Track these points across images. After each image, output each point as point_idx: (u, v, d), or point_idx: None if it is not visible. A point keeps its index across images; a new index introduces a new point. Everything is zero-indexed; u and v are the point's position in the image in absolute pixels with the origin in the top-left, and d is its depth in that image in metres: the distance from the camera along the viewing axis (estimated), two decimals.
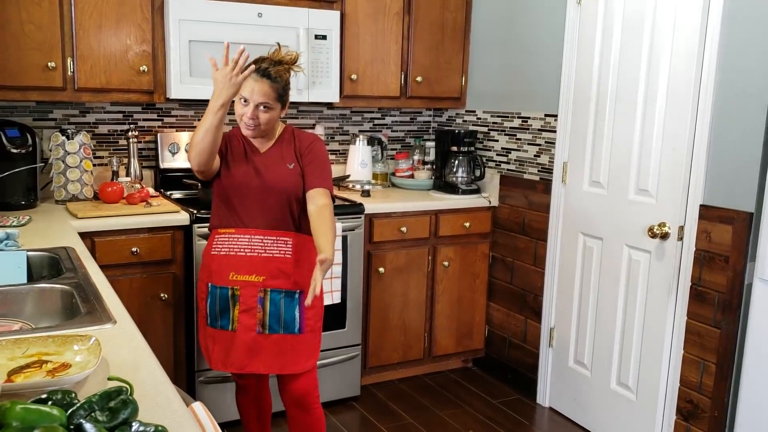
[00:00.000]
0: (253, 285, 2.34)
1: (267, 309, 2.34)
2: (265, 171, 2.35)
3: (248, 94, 2.26)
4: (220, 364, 2.39)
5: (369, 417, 3.30)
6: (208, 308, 2.38)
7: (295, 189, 2.35)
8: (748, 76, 2.46)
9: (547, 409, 3.46)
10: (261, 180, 2.34)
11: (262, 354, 2.35)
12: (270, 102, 2.27)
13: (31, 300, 1.81)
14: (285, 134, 2.43)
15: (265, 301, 2.34)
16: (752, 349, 2.49)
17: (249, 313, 2.34)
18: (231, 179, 2.35)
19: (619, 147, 2.98)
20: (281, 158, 2.38)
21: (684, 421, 2.77)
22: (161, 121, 3.48)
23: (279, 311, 2.35)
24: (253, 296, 2.33)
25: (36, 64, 2.86)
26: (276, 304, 2.34)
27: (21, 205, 2.97)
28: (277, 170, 2.35)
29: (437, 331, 3.69)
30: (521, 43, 3.52)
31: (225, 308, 2.36)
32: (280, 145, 2.41)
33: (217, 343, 2.38)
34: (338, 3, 3.47)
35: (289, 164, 2.38)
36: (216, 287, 2.36)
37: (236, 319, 2.34)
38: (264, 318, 2.34)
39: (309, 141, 2.43)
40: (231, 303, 2.35)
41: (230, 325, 2.36)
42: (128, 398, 1.08)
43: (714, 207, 2.60)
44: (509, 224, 3.64)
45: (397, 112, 4.14)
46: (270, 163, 2.37)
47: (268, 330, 2.35)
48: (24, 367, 1.29)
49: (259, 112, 2.28)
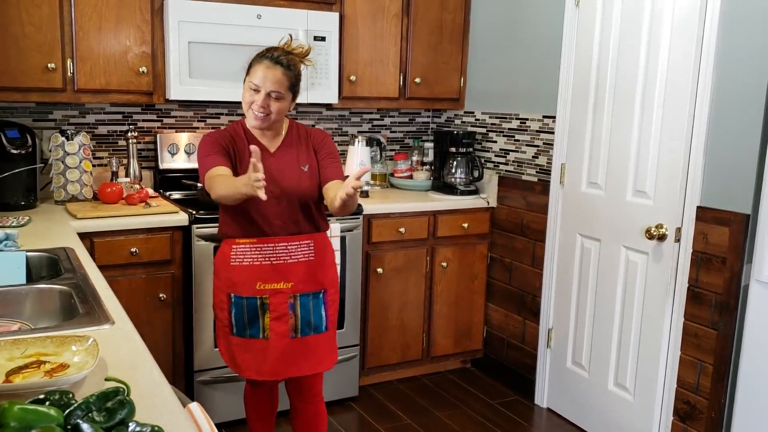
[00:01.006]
0: (282, 292, 2.30)
1: (298, 314, 2.32)
2: (280, 177, 2.29)
3: (260, 81, 2.19)
4: (253, 372, 2.34)
5: (367, 417, 3.31)
6: (233, 318, 2.33)
7: (312, 192, 2.32)
8: (744, 78, 2.47)
9: (545, 409, 3.47)
10: (278, 186, 2.27)
11: (296, 358, 2.34)
12: (282, 91, 2.21)
13: (30, 300, 1.81)
14: (292, 131, 2.38)
15: (296, 306, 2.32)
16: (749, 350, 2.50)
17: (281, 320, 2.31)
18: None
19: (617, 148, 2.99)
20: (295, 160, 2.33)
21: (681, 422, 2.77)
22: (161, 122, 3.49)
23: (309, 314, 2.34)
24: (283, 303, 2.30)
25: (36, 65, 2.87)
26: (306, 308, 2.33)
27: (21, 205, 2.98)
28: (292, 175, 2.30)
29: (435, 332, 3.70)
30: (520, 44, 3.53)
31: (254, 317, 2.31)
32: (289, 145, 2.36)
33: (248, 351, 2.33)
34: (337, 4, 3.48)
35: (303, 166, 2.33)
36: (241, 298, 2.31)
37: (268, 327, 2.31)
38: (296, 323, 2.32)
39: (322, 136, 2.41)
40: (260, 312, 2.31)
41: (261, 333, 2.31)
42: (125, 399, 1.09)
43: (711, 209, 2.61)
44: (507, 225, 3.65)
45: (395, 113, 4.15)
46: (284, 166, 2.31)
47: (300, 333, 2.34)
48: (22, 367, 1.30)
49: (271, 100, 2.21)
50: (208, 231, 2.95)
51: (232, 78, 3.19)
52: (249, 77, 2.24)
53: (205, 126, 3.58)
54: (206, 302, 2.98)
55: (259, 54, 2.26)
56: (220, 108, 3.62)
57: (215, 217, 2.96)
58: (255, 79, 2.20)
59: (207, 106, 3.58)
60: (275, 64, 2.20)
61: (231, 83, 3.20)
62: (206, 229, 2.95)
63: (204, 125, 3.58)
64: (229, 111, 3.64)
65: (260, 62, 2.23)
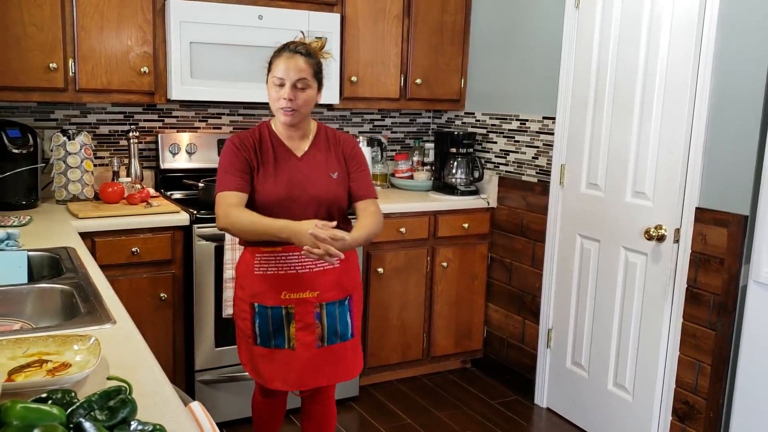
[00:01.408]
0: (308, 302, 2.25)
1: (325, 323, 2.27)
2: (308, 183, 2.23)
3: (283, 72, 2.14)
4: (279, 383, 2.27)
5: (367, 417, 3.31)
6: (257, 328, 2.26)
7: (340, 199, 2.27)
8: (743, 79, 2.48)
9: (544, 409, 3.48)
10: (306, 193, 2.21)
11: (323, 367, 2.28)
12: (307, 78, 2.16)
13: (31, 300, 1.82)
14: (320, 134, 2.32)
15: (322, 315, 2.26)
16: (747, 350, 2.50)
17: (307, 329, 2.25)
18: (272, 193, 2.21)
19: (617, 149, 3.00)
20: (324, 166, 2.27)
21: (680, 421, 2.78)
22: (162, 122, 3.49)
23: (336, 322, 2.29)
24: (309, 312, 2.25)
25: (37, 65, 2.88)
26: (332, 316, 2.28)
27: (22, 205, 2.98)
28: (321, 182, 2.24)
29: (436, 332, 3.70)
30: (520, 46, 3.54)
31: (279, 327, 2.25)
32: (318, 149, 2.29)
33: (273, 362, 2.27)
34: (338, 5, 3.49)
35: (332, 173, 2.27)
36: (266, 307, 2.25)
37: (294, 337, 2.25)
38: (323, 332, 2.27)
39: (352, 144, 2.35)
40: (285, 321, 2.25)
41: (286, 343, 2.25)
42: (127, 398, 1.09)
43: (709, 210, 2.62)
44: (507, 225, 3.66)
45: (396, 114, 4.16)
46: (311, 171, 2.25)
47: (327, 342, 2.28)
48: (24, 366, 1.30)
49: (297, 92, 2.15)
50: (209, 231, 2.96)
51: (233, 78, 3.20)
52: (271, 74, 2.20)
53: (206, 126, 3.59)
54: (207, 302, 2.99)
55: (277, 50, 2.22)
56: (222, 108, 3.62)
57: None
58: (278, 72, 2.15)
59: (208, 106, 3.59)
60: (295, 53, 2.16)
61: (232, 83, 3.21)
62: (207, 228, 2.96)
63: (205, 125, 3.59)
64: (230, 111, 3.65)
65: (279, 56, 2.19)
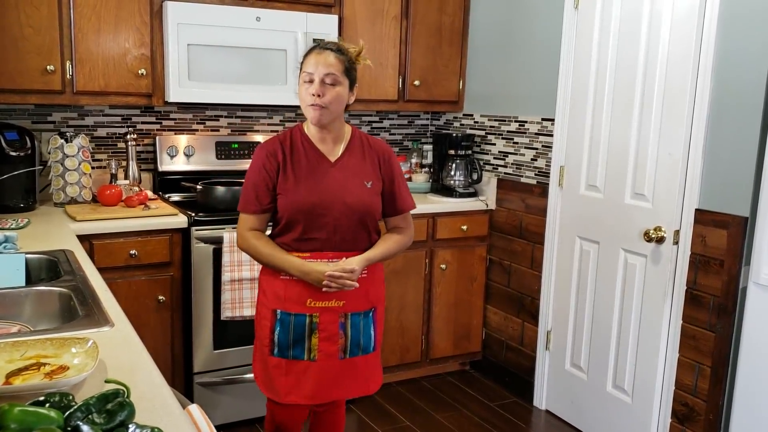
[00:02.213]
0: (333, 311, 2.19)
1: (348, 334, 2.21)
2: (342, 191, 2.17)
3: (312, 67, 2.10)
4: (293, 396, 2.19)
5: (366, 420, 3.31)
6: (276, 337, 2.19)
7: (373, 209, 2.21)
8: (743, 80, 2.48)
9: (543, 411, 3.47)
10: (339, 200, 2.16)
11: (343, 379, 2.22)
12: (336, 74, 2.09)
13: (29, 302, 1.82)
14: (355, 139, 2.25)
15: (347, 326, 2.21)
16: (747, 352, 2.50)
17: (330, 340, 2.19)
18: (303, 200, 2.15)
19: (616, 151, 2.99)
20: (359, 174, 2.21)
21: (679, 423, 2.78)
22: (160, 125, 3.49)
23: (359, 334, 2.23)
24: (333, 322, 2.19)
25: (35, 67, 2.87)
26: (356, 327, 2.22)
27: (20, 207, 2.98)
28: (355, 190, 2.18)
29: (434, 334, 3.70)
30: (518, 47, 3.54)
31: (300, 337, 2.19)
32: (352, 155, 2.23)
33: (288, 374, 2.19)
34: (336, 7, 3.48)
35: (366, 182, 2.21)
36: (289, 315, 2.18)
37: (316, 348, 2.18)
38: (346, 343, 2.21)
39: (389, 154, 2.28)
40: (308, 331, 2.19)
41: (306, 354, 2.18)
42: (125, 401, 1.09)
43: (709, 211, 2.61)
44: (506, 227, 3.65)
45: (395, 116, 4.15)
46: (345, 179, 2.19)
47: (349, 354, 2.22)
48: (22, 369, 1.30)
49: (326, 87, 2.09)
50: (207, 233, 2.95)
51: (231, 80, 3.20)
52: (301, 72, 2.15)
53: (204, 128, 3.58)
54: (205, 304, 2.98)
55: (309, 49, 2.19)
56: (219, 110, 3.62)
57: (214, 219, 2.97)
58: (307, 68, 2.11)
59: (206, 108, 3.58)
60: (325, 50, 2.12)
61: (230, 85, 3.20)
62: (205, 231, 2.95)
63: (203, 127, 3.58)
64: (228, 113, 3.64)
65: (310, 53, 2.15)
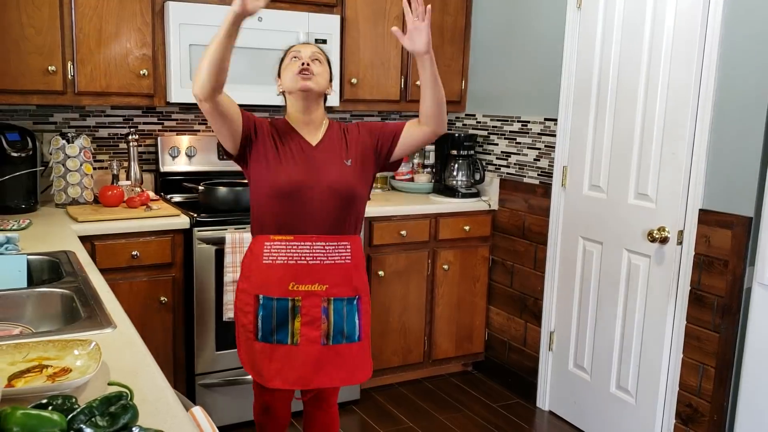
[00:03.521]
0: (316, 295, 2.19)
1: (331, 319, 2.21)
2: (323, 170, 2.20)
3: (300, 48, 2.24)
4: (278, 381, 2.20)
5: (369, 421, 3.30)
6: (260, 322, 2.20)
7: (354, 188, 2.22)
8: (747, 80, 2.47)
9: (546, 412, 3.46)
10: (320, 180, 2.18)
11: (327, 366, 2.22)
12: (321, 58, 2.24)
13: (31, 304, 1.81)
14: (333, 126, 2.32)
15: (329, 311, 2.21)
16: (751, 353, 2.49)
17: (313, 325, 2.19)
18: (288, 180, 2.17)
19: (619, 151, 2.98)
20: (338, 154, 2.24)
21: (683, 425, 2.77)
22: (161, 125, 3.48)
23: (342, 321, 2.23)
24: (316, 306, 2.19)
25: (36, 67, 2.87)
26: (340, 314, 2.22)
27: (21, 208, 2.97)
28: (335, 169, 2.21)
29: (437, 335, 3.69)
30: (521, 47, 3.53)
31: (283, 321, 2.20)
32: (331, 138, 2.27)
33: (273, 359, 2.20)
34: (338, 7, 3.48)
35: (346, 161, 2.24)
36: (271, 299, 2.19)
37: (298, 332, 2.19)
38: (329, 329, 2.21)
39: (360, 125, 2.35)
40: (290, 315, 2.19)
41: (289, 338, 2.19)
42: (128, 403, 1.08)
43: (713, 211, 2.60)
44: (509, 228, 3.64)
45: (397, 116, 4.15)
46: (326, 159, 2.22)
47: (332, 341, 2.22)
48: (24, 371, 1.29)
49: (313, 65, 2.20)
50: (210, 234, 2.94)
51: (233, 81, 3.16)
52: (285, 57, 2.26)
53: (205, 129, 3.57)
54: (207, 305, 2.98)
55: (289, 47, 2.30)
56: None
57: (216, 220, 2.97)
58: (294, 50, 2.23)
59: None
60: (307, 42, 2.30)
61: (232, 86, 3.17)
62: (208, 232, 2.94)
63: (205, 128, 3.57)
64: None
65: (292, 46, 2.28)
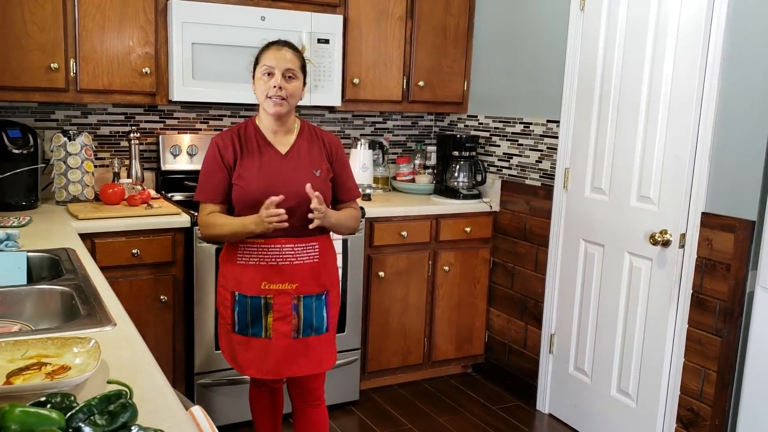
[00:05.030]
0: (286, 293, 2.33)
1: (301, 315, 2.35)
2: (292, 180, 2.31)
3: (273, 62, 2.24)
4: (253, 370, 2.36)
5: (368, 422, 3.29)
6: (236, 317, 2.35)
7: (323, 197, 2.30)
8: (751, 83, 2.46)
9: (546, 415, 3.45)
10: (288, 190, 2.27)
11: (298, 357, 2.36)
12: (295, 69, 2.27)
13: (30, 301, 1.80)
14: (304, 131, 2.41)
15: (299, 307, 2.35)
16: (753, 357, 2.48)
17: (284, 320, 2.34)
18: (254, 189, 2.29)
19: (621, 153, 2.98)
20: (307, 164, 2.35)
21: (684, 429, 2.76)
22: (163, 123, 3.47)
23: (312, 315, 2.37)
24: (286, 304, 2.33)
25: (38, 65, 2.86)
26: (309, 309, 2.36)
27: (22, 205, 2.97)
28: (304, 179, 2.30)
29: (437, 336, 3.68)
30: (524, 48, 3.52)
31: (257, 317, 2.34)
32: (301, 145, 2.37)
33: (248, 350, 2.36)
34: (341, 7, 3.47)
35: (315, 171, 2.35)
36: (246, 297, 2.34)
37: (271, 327, 2.34)
38: (299, 324, 2.35)
39: (336, 144, 2.45)
40: (264, 311, 2.34)
41: (263, 332, 2.34)
42: (127, 402, 1.08)
43: (716, 215, 2.59)
44: (510, 230, 3.64)
45: (398, 117, 4.14)
46: (296, 169, 2.33)
47: (302, 334, 2.36)
48: (23, 369, 1.28)
49: (286, 80, 2.25)
50: None
51: (235, 79, 3.18)
52: (259, 66, 2.29)
53: (207, 128, 3.57)
54: (208, 304, 2.97)
55: (263, 46, 2.32)
56: (223, 109, 3.61)
57: None
58: (267, 61, 2.25)
59: (210, 107, 3.57)
60: (283, 46, 2.28)
61: (234, 85, 3.19)
62: None
63: (206, 127, 3.57)
64: (232, 113, 3.63)
65: (267, 49, 2.30)
